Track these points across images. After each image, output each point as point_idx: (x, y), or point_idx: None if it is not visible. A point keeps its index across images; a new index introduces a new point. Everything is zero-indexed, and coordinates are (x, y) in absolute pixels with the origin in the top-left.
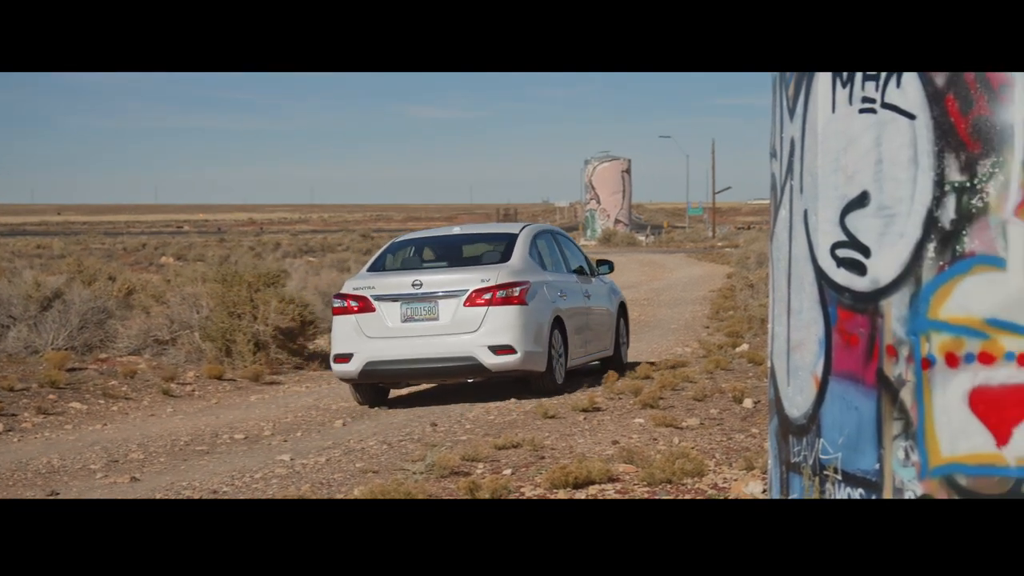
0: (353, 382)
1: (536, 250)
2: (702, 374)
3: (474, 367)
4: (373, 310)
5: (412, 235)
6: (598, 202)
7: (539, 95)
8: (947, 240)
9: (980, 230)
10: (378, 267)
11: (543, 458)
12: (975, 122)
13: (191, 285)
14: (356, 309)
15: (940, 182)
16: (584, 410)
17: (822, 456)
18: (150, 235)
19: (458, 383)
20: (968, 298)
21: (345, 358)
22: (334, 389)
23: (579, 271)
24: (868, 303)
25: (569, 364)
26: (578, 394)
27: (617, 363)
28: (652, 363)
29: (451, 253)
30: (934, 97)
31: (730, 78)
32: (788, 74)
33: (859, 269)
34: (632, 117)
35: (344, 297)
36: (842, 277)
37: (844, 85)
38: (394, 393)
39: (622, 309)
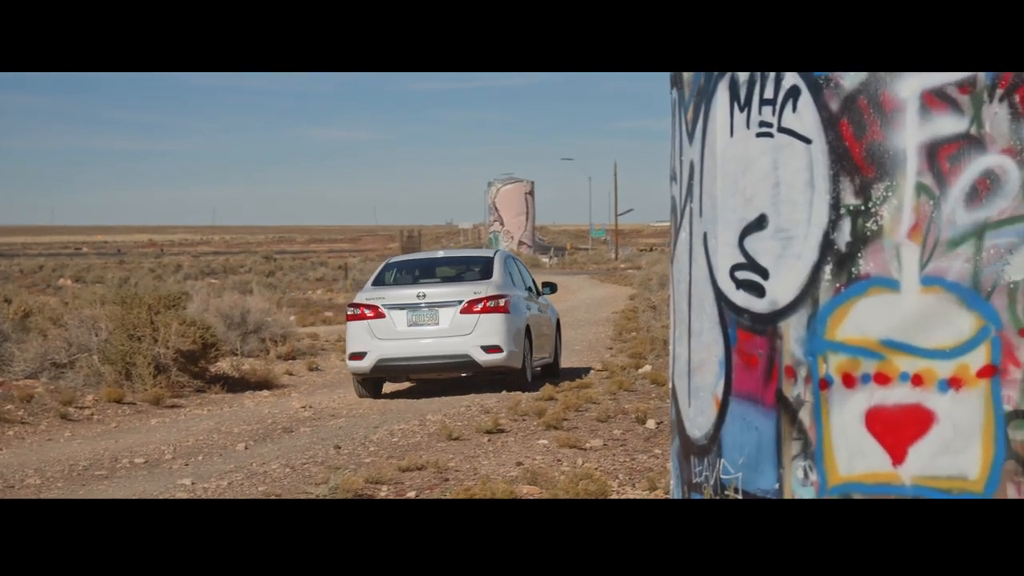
0: (365, 376)
1: (507, 270)
2: (606, 395)
3: (469, 363)
4: (384, 316)
5: (404, 257)
6: (502, 224)
7: (442, 117)
8: (843, 262)
9: (875, 252)
10: (380, 282)
11: (447, 480)
12: (869, 146)
13: (90, 307)
14: (370, 316)
15: (836, 205)
16: (488, 431)
17: (723, 476)
18: (47, 257)
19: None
20: (864, 319)
21: (360, 356)
22: (236, 412)
23: (530, 290)
24: (767, 324)
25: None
26: (540, 392)
27: (555, 369)
28: (582, 373)
29: (441, 271)
30: (829, 122)
31: (631, 101)
32: (687, 98)
33: (758, 291)
34: (535, 140)
35: (358, 306)
36: (741, 299)
37: (742, 109)
38: (389, 388)
39: (558, 324)
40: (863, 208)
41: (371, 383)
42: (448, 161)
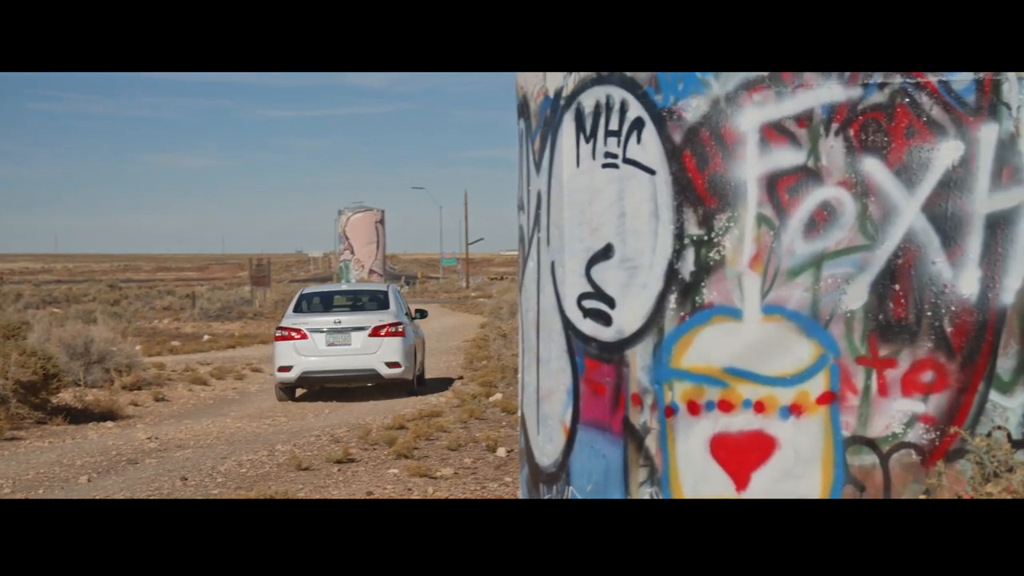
0: (290, 385)
1: (398, 301)
2: (456, 423)
3: (374, 375)
4: (307, 337)
5: (315, 289)
6: (352, 252)
7: (292, 145)
8: (687, 291)
9: (718, 282)
10: (300, 310)
11: None
12: (711, 178)
13: None
14: (296, 337)
15: (680, 235)
16: (338, 461)
17: None
18: None
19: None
20: (708, 347)
21: (287, 368)
22: (79, 444)
23: (408, 315)
24: (614, 353)
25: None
26: (390, 420)
27: (422, 379)
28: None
29: (348, 302)
30: (673, 153)
31: (482, 130)
32: (534, 128)
33: (605, 320)
34: (385, 168)
35: (286, 329)
36: (589, 327)
37: (588, 140)
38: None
39: (423, 344)
40: (706, 238)
41: (290, 390)
42: (298, 189)
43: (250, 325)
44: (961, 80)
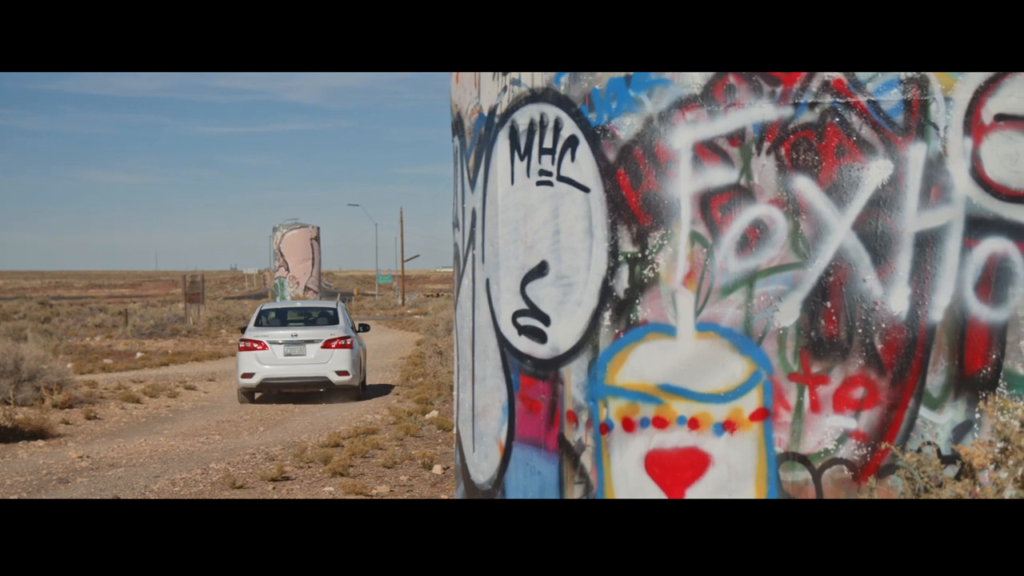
0: (251, 389)
1: (346, 317)
2: (392, 441)
3: (326, 382)
4: (267, 348)
5: (272, 306)
6: (287, 269)
7: (227, 161)
8: (622, 309)
9: (652, 299)
10: (260, 324)
11: None
12: (645, 196)
13: None
14: (257, 347)
15: (614, 253)
16: (273, 479)
17: None
18: None
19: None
20: (642, 364)
21: (249, 375)
22: (8, 463)
23: (353, 329)
24: (549, 370)
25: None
26: (326, 438)
27: (364, 385)
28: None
29: (302, 317)
30: (607, 171)
31: (417, 147)
32: (469, 146)
33: (540, 337)
34: (321, 185)
35: (248, 340)
36: (524, 344)
37: (522, 158)
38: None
39: (366, 353)
40: (640, 256)
41: (251, 394)
42: (232, 206)
43: (184, 343)
44: (890, 100)
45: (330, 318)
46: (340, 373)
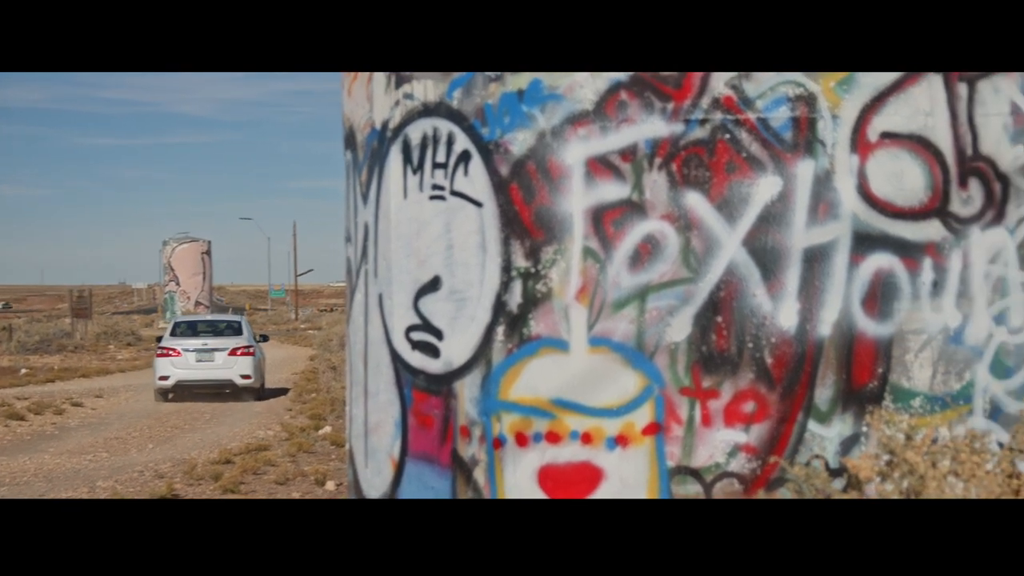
0: (167, 390)
1: (248, 329)
2: (284, 457)
3: (231, 384)
4: (181, 355)
5: (185, 318)
6: (177, 284)
7: (114, 174)
8: (515, 324)
9: (545, 314)
10: (175, 334)
11: None
12: (538, 211)
13: None
14: (173, 354)
15: (507, 268)
16: (162, 498)
17: None
18: None
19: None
20: (535, 379)
21: (165, 378)
22: None
23: (255, 339)
24: (442, 385)
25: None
26: (216, 454)
27: (263, 387)
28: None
29: (211, 328)
30: (499, 186)
31: (310, 161)
32: (361, 160)
33: (433, 352)
34: (212, 198)
35: (164, 348)
36: (417, 360)
37: (415, 172)
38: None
39: (264, 360)
40: (533, 271)
41: (166, 393)
42: (121, 219)
43: (71, 358)
44: (778, 117)
45: (235, 330)
46: (244, 377)
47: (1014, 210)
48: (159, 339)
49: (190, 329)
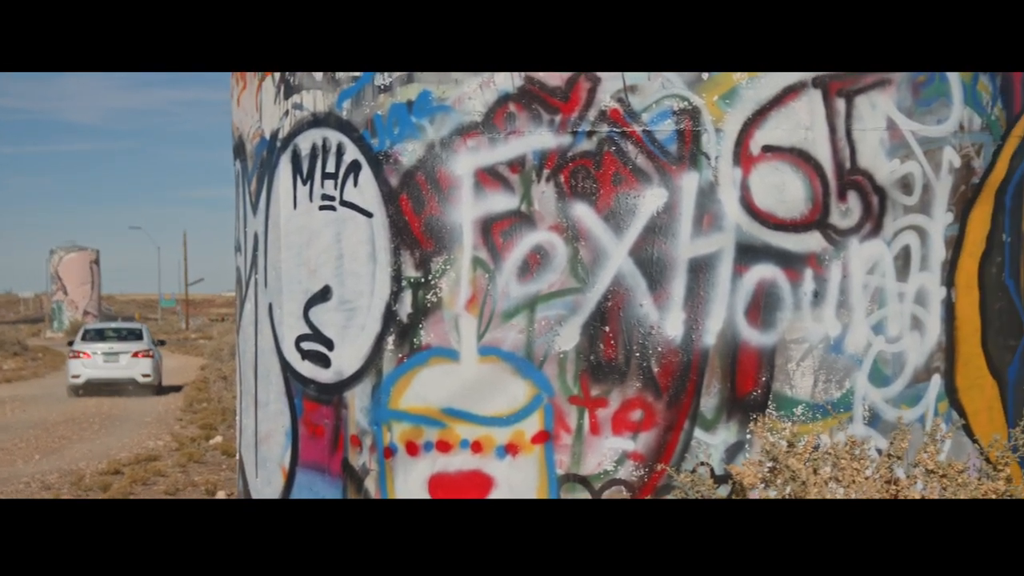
0: (79, 387)
1: (148, 335)
2: (175, 467)
3: (134, 381)
4: (91, 356)
5: (93, 326)
6: (65, 293)
7: (1, 182)
8: (405, 333)
9: (435, 324)
10: (86, 339)
11: None
12: (428, 221)
13: None
14: (84, 356)
15: (397, 277)
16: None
17: None
18: None
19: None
20: (426, 388)
21: (78, 376)
22: None
23: (154, 343)
24: (333, 394)
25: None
26: (105, 465)
27: (161, 385)
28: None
29: (116, 334)
30: (389, 196)
31: (200, 169)
32: (251, 169)
33: (324, 361)
34: (101, 207)
35: (76, 351)
36: (307, 369)
37: (304, 182)
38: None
39: (162, 361)
40: (423, 280)
41: (77, 390)
42: (7, 228)
43: None
44: (664, 130)
45: (137, 335)
46: (144, 375)
47: (891, 222)
48: (71, 343)
49: (98, 335)
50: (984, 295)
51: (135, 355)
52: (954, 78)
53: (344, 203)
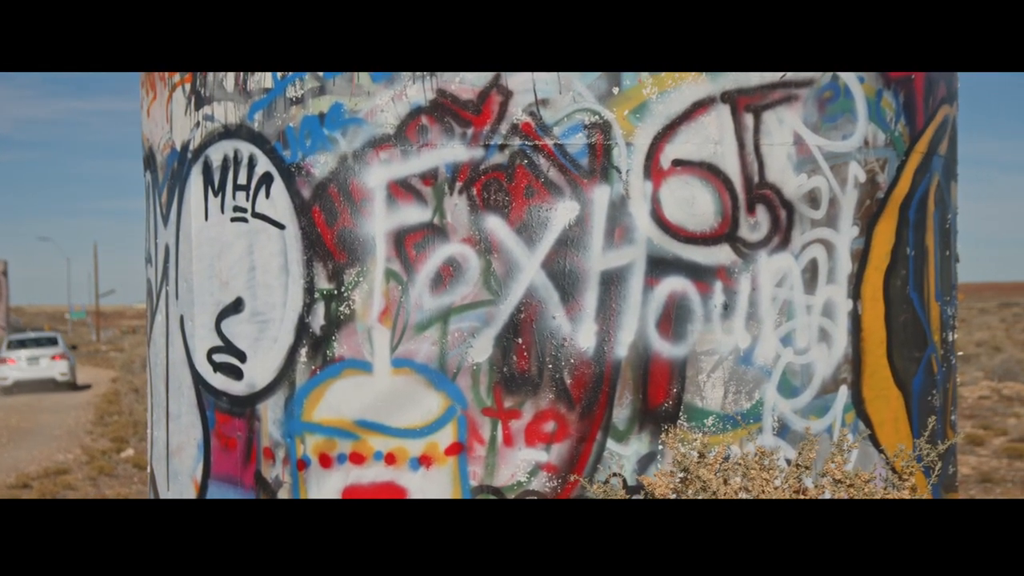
0: (9, 388)
1: (62, 342)
2: (85, 480)
3: (53, 380)
4: (15, 362)
5: (15, 336)
6: None
7: None
8: (318, 345)
9: (349, 336)
10: (10, 347)
11: None
12: (341, 233)
13: None
14: (9, 362)
15: (310, 289)
16: None
17: None
18: None
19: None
20: (339, 400)
21: (5, 378)
22: None
23: (68, 348)
24: (245, 407)
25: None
26: (13, 479)
27: (75, 382)
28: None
29: (36, 342)
30: (302, 208)
31: (110, 180)
32: (162, 181)
33: (236, 373)
34: (9, 218)
35: (2, 358)
36: (219, 381)
37: (216, 194)
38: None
39: (75, 362)
40: (336, 292)
41: (8, 391)
42: None
43: None
44: (575, 144)
45: (53, 342)
46: (62, 374)
47: (799, 236)
48: None
49: (20, 344)
50: (889, 308)
51: (53, 358)
52: (858, 94)
53: (256, 215)
